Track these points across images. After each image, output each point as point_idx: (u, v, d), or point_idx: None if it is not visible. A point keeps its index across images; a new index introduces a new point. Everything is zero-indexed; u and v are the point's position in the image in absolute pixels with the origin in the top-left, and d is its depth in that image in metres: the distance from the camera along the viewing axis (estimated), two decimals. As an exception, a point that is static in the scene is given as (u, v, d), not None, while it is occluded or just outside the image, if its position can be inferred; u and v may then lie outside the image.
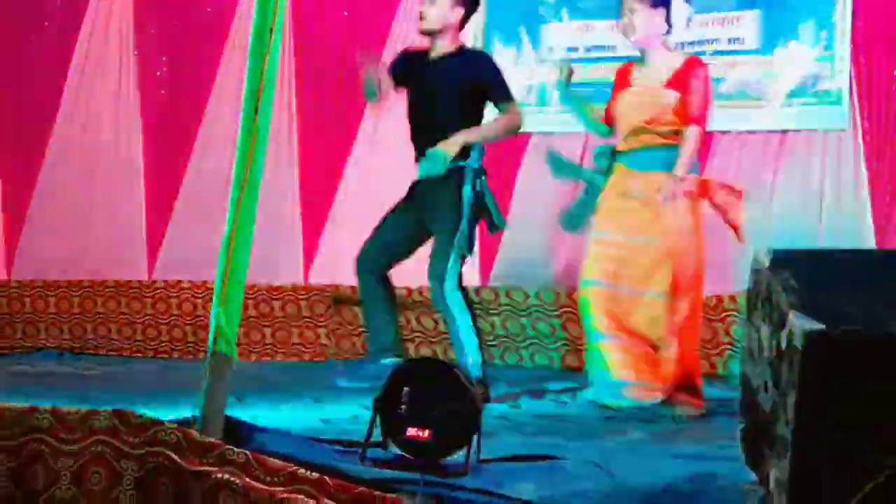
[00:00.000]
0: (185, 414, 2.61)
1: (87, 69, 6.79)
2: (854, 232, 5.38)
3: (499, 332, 5.91)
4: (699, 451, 3.40)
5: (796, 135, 5.61)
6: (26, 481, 2.47)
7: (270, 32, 2.66)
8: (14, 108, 6.80)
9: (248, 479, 2.33)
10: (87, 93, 6.78)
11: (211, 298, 2.67)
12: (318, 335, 6.24)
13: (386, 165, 5.88)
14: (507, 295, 5.94)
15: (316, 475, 2.34)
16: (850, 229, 5.40)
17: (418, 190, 4.61)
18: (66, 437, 2.46)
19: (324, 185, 6.34)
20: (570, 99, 4.75)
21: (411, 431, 2.82)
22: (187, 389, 3.06)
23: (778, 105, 5.63)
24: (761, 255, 2.51)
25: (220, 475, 2.34)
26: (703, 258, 4.41)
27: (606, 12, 5.95)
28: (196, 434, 2.43)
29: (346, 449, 2.92)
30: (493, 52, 6.14)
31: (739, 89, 5.53)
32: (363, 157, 6.26)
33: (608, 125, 4.62)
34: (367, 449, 2.82)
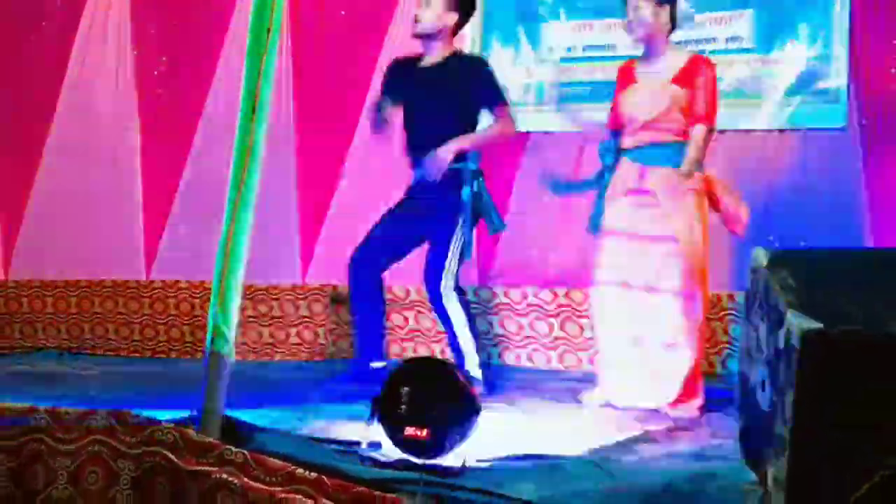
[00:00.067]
0: (183, 414, 2.60)
1: (84, 68, 6.77)
2: (852, 231, 5.38)
3: (497, 331, 5.91)
4: (698, 450, 3.40)
5: (794, 133, 5.61)
6: (25, 481, 2.47)
7: (268, 32, 2.66)
8: (11, 108, 6.78)
9: (246, 479, 2.33)
10: (85, 92, 6.77)
11: (209, 298, 2.67)
12: (317, 335, 6.23)
13: (384, 165, 5.87)
14: (506, 294, 5.93)
15: (314, 475, 2.34)
16: (847, 229, 5.39)
17: (414, 192, 4.60)
18: (64, 436, 2.46)
19: (321, 184, 6.33)
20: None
21: (410, 431, 2.82)
22: (185, 389, 3.06)
23: (776, 104, 5.62)
24: (759, 254, 2.51)
25: (218, 475, 2.34)
26: (707, 256, 4.39)
27: (604, 11, 5.95)
28: (194, 434, 2.43)
29: (345, 449, 2.92)
30: (491, 51, 6.14)
31: (737, 88, 5.52)
32: (361, 157, 6.25)
33: (614, 125, 4.59)
34: (365, 448, 2.82)
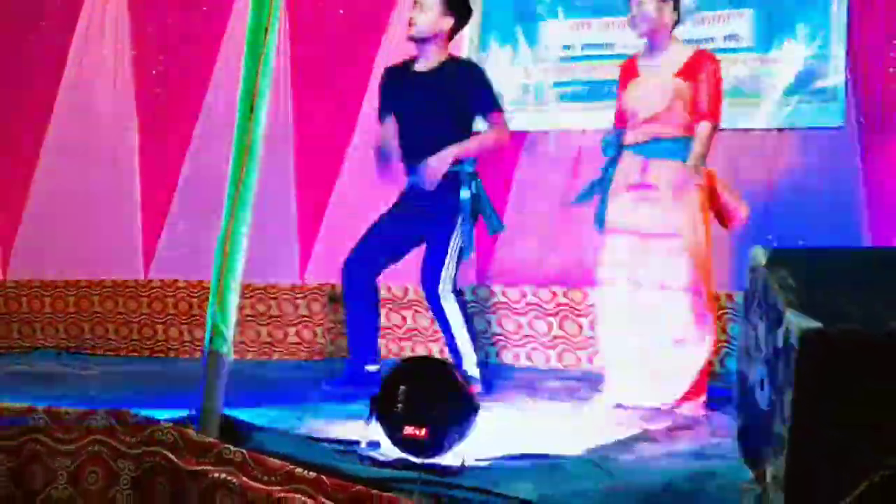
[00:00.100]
0: (182, 413, 2.60)
1: (82, 68, 6.77)
2: (850, 230, 5.38)
3: (495, 330, 5.91)
4: (697, 449, 3.40)
5: (792, 132, 5.61)
6: (24, 481, 2.47)
7: (266, 31, 2.66)
8: (10, 107, 6.78)
9: (245, 479, 2.33)
10: (83, 92, 6.76)
11: (207, 297, 2.67)
12: (315, 334, 6.23)
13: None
14: (504, 293, 5.93)
15: (313, 474, 2.34)
16: (846, 227, 5.39)
17: (409, 195, 4.58)
18: (63, 436, 2.46)
19: (320, 183, 6.33)
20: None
21: (408, 430, 2.82)
22: (184, 388, 3.06)
23: (774, 103, 5.62)
24: (758, 253, 2.51)
25: (217, 474, 2.34)
26: (711, 251, 4.34)
27: (603, 10, 5.95)
28: (193, 433, 2.43)
29: (344, 448, 2.92)
30: (490, 50, 6.14)
31: (735, 87, 5.52)
32: (360, 156, 6.25)
33: (619, 121, 4.57)
34: (364, 447, 2.82)
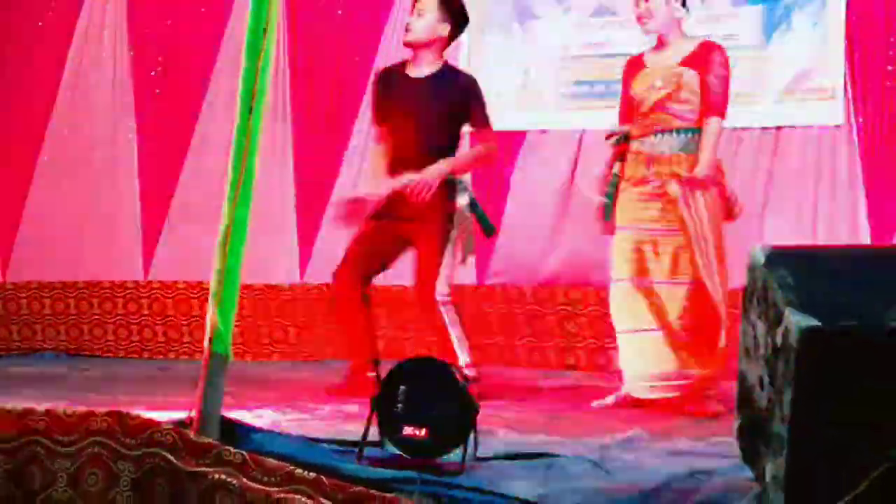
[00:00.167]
0: (182, 415, 2.60)
1: (81, 69, 6.77)
2: (849, 228, 5.38)
3: (495, 330, 5.91)
4: (697, 447, 3.40)
5: (791, 130, 5.61)
6: (24, 483, 2.47)
7: (265, 32, 2.65)
8: (8, 108, 6.78)
9: (244, 480, 2.33)
10: (82, 92, 6.76)
11: (207, 298, 2.67)
12: (315, 335, 6.23)
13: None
14: (504, 293, 5.93)
15: (313, 475, 2.34)
16: (845, 225, 5.40)
17: (398, 202, 4.50)
18: (63, 438, 2.46)
19: (319, 183, 6.33)
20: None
21: (408, 430, 2.82)
22: (184, 390, 3.06)
23: (772, 101, 5.62)
24: (757, 252, 2.51)
25: (216, 476, 2.33)
26: (721, 244, 4.29)
27: (602, 9, 5.96)
28: (192, 435, 2.43)
29: (344, 448, 2.92)
30: (488, 49, 6.14)
31: (734, 85, 5.52)
32: (358, 156, 6.25)
33: (625, 117, 4.53)
34: (363, 448, 2.82)
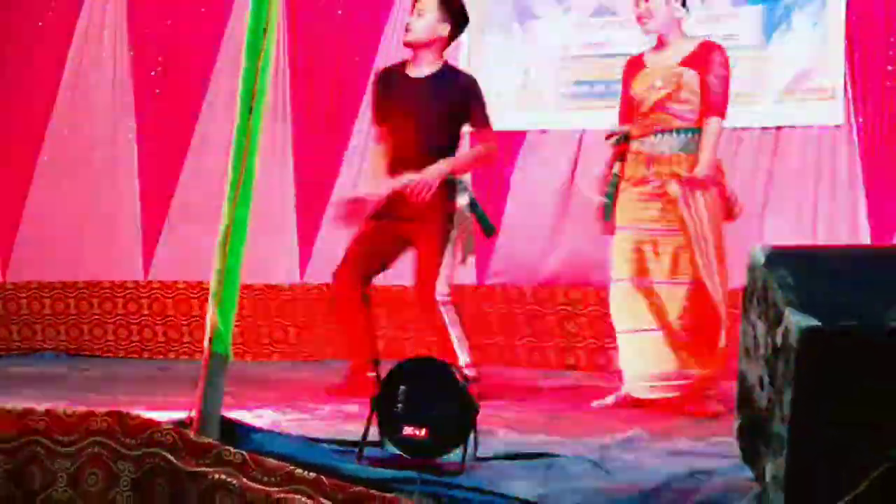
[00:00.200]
0: (182, 415, 2.60)
1: (81, 69, 6.77)
2: (849, 228, 5.38)
3: (495, 330, 5.91)
4: (697, 447, 3.40)
5: (791, 131, 5.61)
6: (24, 483, 2.47)
7: (265, 32, 2.65)
8: (8, 108, 6.78)
9: (244, 480, 2.33)
10: (82, 93, 6.76)
11: (207, 298, 2.67)
12: (316, 335, 6.23)
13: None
14: (504, 292, 5.93)
15: (313, 475, 2.34)
16: (845, 225, 5.40)
17: (398, 202, 4.50)
18: (63, 438, 2.46)
19: (319, 183, 6.33)
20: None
21: (408, 430, 2.82)
22: (183, 390, 3.06)
23: (772, 101, 5.62)
24: (757, 252, 2.51)
25: (216, 476, 2.33)
26: (722, 244, 4.30)
27: (602, 9, 5.96)
28: (192, 435, 2.43)
29: (344, 448, 2.92)
30: (488, 48, 6.14)
31: (734, 85, 5.52)
32: (358, 156, 6.25)
33: (625, 118, 4.53)
34: (363, 448, 2.82)
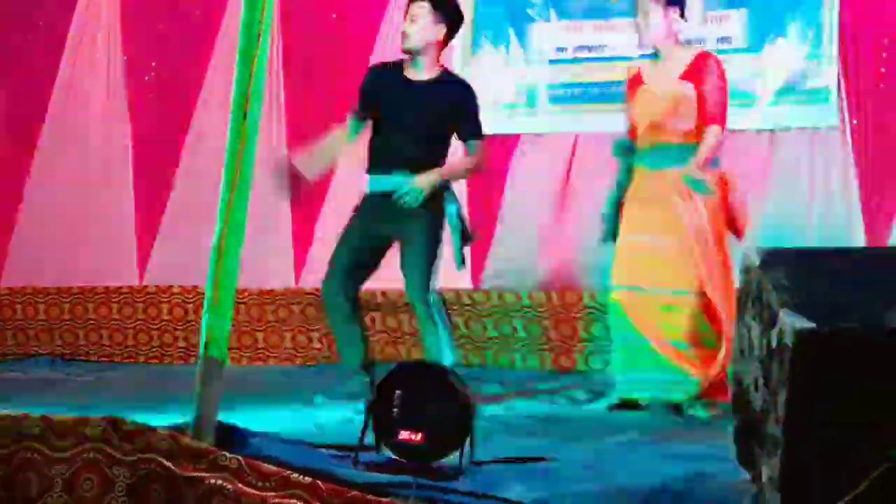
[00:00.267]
0: (177, 420, 2.60)
1: (75, 74, 6.77)
2: (844, 230, 5.39)
3: (491, 333, 5.90)
4: (693, 450, 3.40)
5: (785, 133, 5.62)
6: (19, 489, 2.47)
7: (258, 36, 2.65)
8: (3, 113, 6.78)
9: (240, 485, 2.33)
10: (76, 98, 6.76)
11: (202, 303, 2.67)
12: (311, 339, 6.23)
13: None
14: (499, 297, 5.93)
15: (309, 480, 2.33)
16: (839, 227, 5.40)
17: (381, 203, 4.48)
18: (58, 444, 2.45)
19: (314, 187, 6.32)
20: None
21: (404, 435, 2.82)
22: (179, 395, 3.06)
23: (767, 103, 5.63)
24: (752, 254, 2.52)
25: (212, 481, 2.33)
26: (726, 255, 4.33)
27: (594, 13, 5.97)
28: (188, 440, 2.42)
29: (340, 453, 2.92)
30: (482, 52, 6.15)
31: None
32: (352, 160, 6.24)
33: (631, 133, 4.57)
34: (359, 453, 2.82)
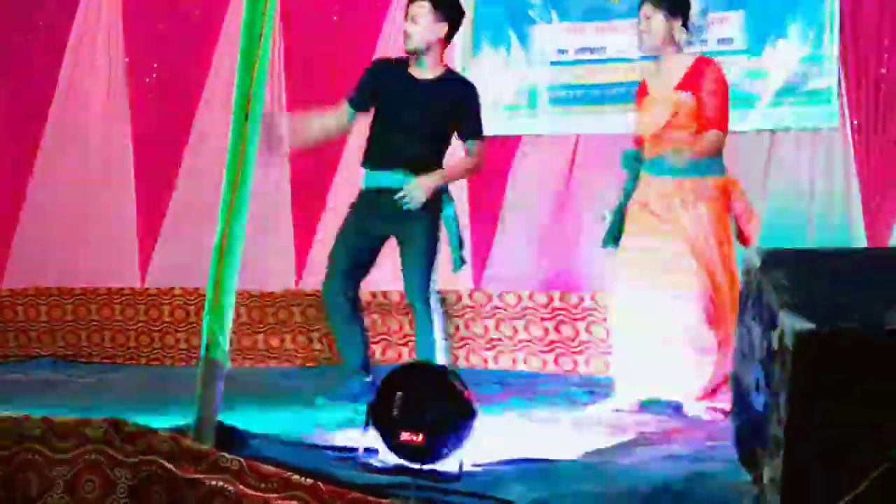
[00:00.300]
0: (179, 421, 2.61)
1: (76, 76, 6.77)
2: (845, 231, 5.38)
3: (492, 335, 5.91)
4: (693, 451, 3.40)
5: (786, 134, 5.62)
6: (20, 490, 2.47)
7: (260, 36, 2.66)
8: (4, 115, 6.78)
9: (241, 486, 2.33)
10: (77, 100, 6.76)
11: (203, 305, 2.67)
12: (311, 340, 6.23)
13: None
14: (500, 298, 5.93)
15: (310, 481, 2.34)
16: (840, 228, 5.40)
17: (378, 201, 4.50)
18: (60, 445, 2.46)
19: (315, 189, 6.33)
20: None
21: (405, 436, 2.82)
22: (180, 397, 3.06)
23: (767, 104, 5.63)
24: (752, 255, 2.52)
25: (213, 482, 2.34)
26: (731, 259, 4.36)
27: (596, 14, 5.96)
28: (189, 441, 2.43)
29: (340, 454, 2.92)
30: (482, 54, 6.14)
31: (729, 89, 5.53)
32: (354, 161, 6.24)
33: (638, 143, 4.60)
34: (360, 454, 2.82)
